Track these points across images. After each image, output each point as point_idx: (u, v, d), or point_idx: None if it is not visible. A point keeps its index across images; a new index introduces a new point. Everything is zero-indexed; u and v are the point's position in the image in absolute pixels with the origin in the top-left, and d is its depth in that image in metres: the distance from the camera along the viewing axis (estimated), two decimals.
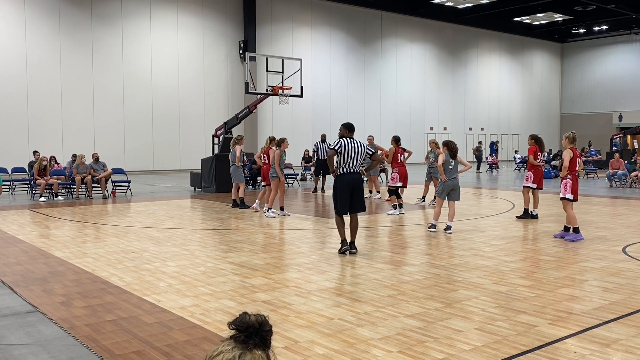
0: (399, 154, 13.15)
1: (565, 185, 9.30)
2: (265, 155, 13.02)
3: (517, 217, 11.89)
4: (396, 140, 13.39)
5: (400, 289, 6.24)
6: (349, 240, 8.26)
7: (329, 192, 14.71)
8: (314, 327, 4.96)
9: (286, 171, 20.18)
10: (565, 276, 6.82)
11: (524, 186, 11.78)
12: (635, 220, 11.67)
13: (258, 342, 1.75)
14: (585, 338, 4.68)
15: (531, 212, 11.78)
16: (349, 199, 8.06)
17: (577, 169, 9.37)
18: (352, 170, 8.03)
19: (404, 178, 12.94)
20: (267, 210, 12.21)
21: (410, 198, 15.36)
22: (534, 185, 11.59)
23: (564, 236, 9.36)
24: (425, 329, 4.91)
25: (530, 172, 11.65)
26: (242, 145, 14.03)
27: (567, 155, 9.28)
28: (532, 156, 11.60)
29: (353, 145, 8.02)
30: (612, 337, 4.69)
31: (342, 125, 8.36)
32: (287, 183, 20.01)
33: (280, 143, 12.77)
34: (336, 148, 8.00)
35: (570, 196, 9.27)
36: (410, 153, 14.42)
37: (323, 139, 18.38)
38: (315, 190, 17.76)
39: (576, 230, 9.29)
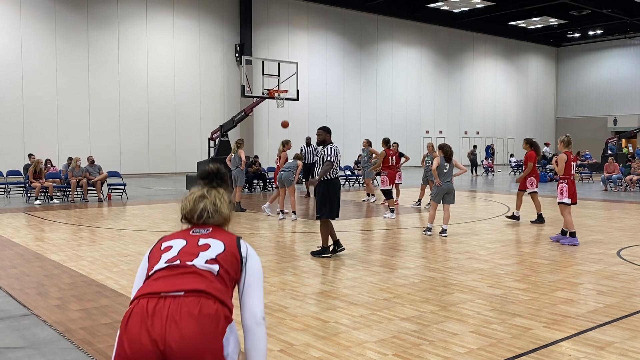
0: (389, 157, 13.27)
1: (562, 190, 9.28)
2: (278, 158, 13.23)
3: (531, 222, 11.66)
4: (386, 142, 13.54)
5: (396, 292, 6.25)
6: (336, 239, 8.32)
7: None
8: (310, 330, 4.97)
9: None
10: (560, 279, 6.85)
11: (530, 192, 11.62)
12: (629, 224, 11.72)
13: (219, 183, 2.42)
14: (580, 341, 4.70)
15: (514, 213, 11.87)
16: (338, 204, 8.14)
17: (572, 172, 9.35)
18: (338, 176, 8.22)
19: (392, 180, 13.08)
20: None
21: (406, 201, 15.38)
22: (537, 189, 11.64)
23: (560, 239, 9.38)
24: (420, 332, 4.92)
25: (532, 177, 11.61)
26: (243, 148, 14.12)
27: (562, 159, 9.26)
28: (533, 162, 11.61)
29: (337, 150, 8.20)
30: (606, 340, 4.71)
31: (323, 130, 8.22)
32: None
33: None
34: (332, 160, 8.00)
35: (567, 200, 9.26)
36: (407, 158, 14.48)
37: (308, 142, 17.77)
38: (308, 194, 17.72)
39: (573, 234, 9.28)
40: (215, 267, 2.17)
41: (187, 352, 1.93)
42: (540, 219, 11.59)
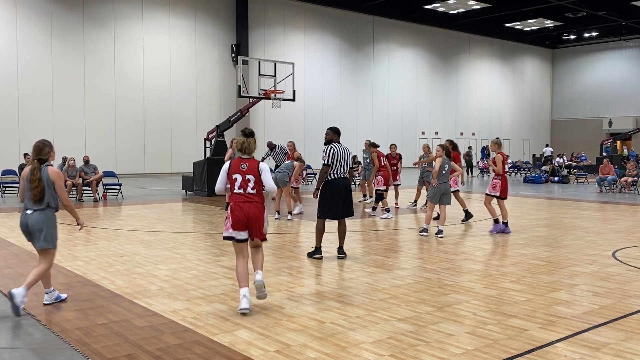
0: (381, 158, 13.38)
1: (495, 185, 10.39)
2: None
3: (462, 220, 12.23)
4: (374, 145, 13.90)
5: (392, 292, 6.26)
6: (337, 244, 8.31)
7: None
8: (306, 330, 4.97)
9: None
10: (555, 280, 6.87)
11: (453, 191, 12.00)
12: (624, 225, 11.77)
13: (250, 135, 5.78)
14: (575, 342, 4.72)
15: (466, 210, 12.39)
16: (342, 204, 8.06)
17: (506, 170, 10.45)
18: (342, 176, 8.03)
19: (387, 181, 13.16)
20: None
21: (402, 202, 15.39)
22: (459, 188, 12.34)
23: (496, 229, 10.36)
24: (417, 332, 4.93)
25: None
26: (232, 149, 13.94)
27: (498, 159, 10.26)
28: (457, 163, 12.00)
29: (343, 150, 8.05)
30: (601, 341, 4.73)
31: (330, 129, 8.22)
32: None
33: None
34: (328, 162, 7.93)
35: (496, 193, 10.39)
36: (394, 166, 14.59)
37: (271, 147, 16.40)
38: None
39: (496, 221, 10.51)
40: (255, 190, 5.49)
41: (255, 218, 5.45)
42: (468, 215, 12.24)
